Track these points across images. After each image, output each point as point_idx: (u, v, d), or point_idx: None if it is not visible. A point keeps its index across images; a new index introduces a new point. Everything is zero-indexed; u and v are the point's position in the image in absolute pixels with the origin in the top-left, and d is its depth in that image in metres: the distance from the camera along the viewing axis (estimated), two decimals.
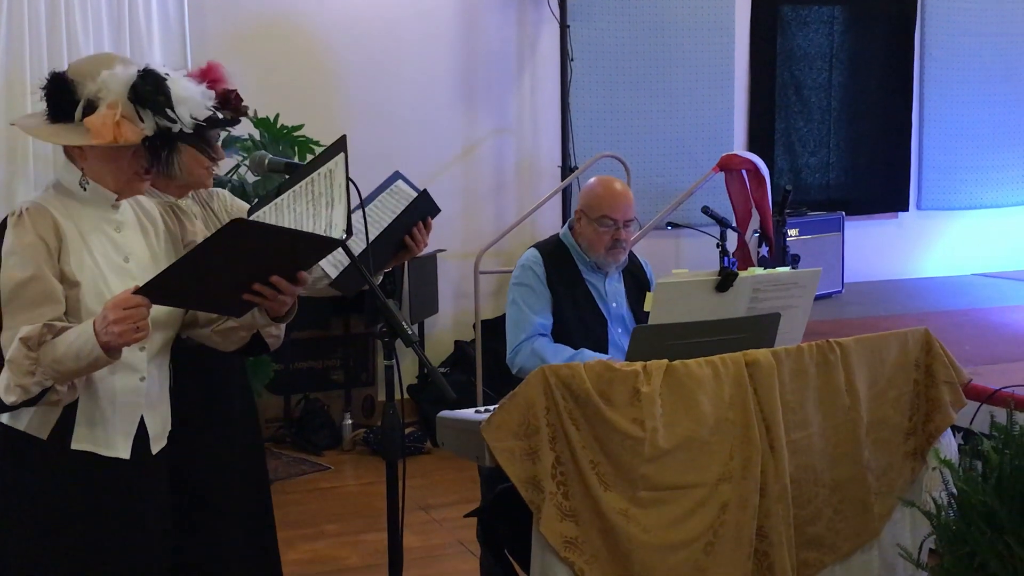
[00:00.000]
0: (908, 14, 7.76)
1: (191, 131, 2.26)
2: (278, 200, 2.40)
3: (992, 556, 2.61)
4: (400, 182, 3.00)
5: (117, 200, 2.36)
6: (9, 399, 2.16)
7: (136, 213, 2.44)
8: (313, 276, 2.99)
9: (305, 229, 2.33)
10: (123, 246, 2.36)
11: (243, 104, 2.82)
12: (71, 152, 2.32)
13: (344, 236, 2.23)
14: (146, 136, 2.22)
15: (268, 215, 2.42)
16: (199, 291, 2.23)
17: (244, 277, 2.22)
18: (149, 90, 2.21)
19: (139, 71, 2.23)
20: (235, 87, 2.82)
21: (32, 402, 2.18)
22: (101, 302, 2.20)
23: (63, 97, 2.26)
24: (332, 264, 2.99)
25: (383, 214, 2.93)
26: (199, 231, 2.54)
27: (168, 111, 2.21)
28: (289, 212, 2.37)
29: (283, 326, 2.46)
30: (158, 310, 2.27)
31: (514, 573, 3.32)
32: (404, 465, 2.46)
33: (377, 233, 2.89)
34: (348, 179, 2.48)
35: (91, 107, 2.22)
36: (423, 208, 3.00)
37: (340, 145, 2.36)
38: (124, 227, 2.38)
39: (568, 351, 3.55)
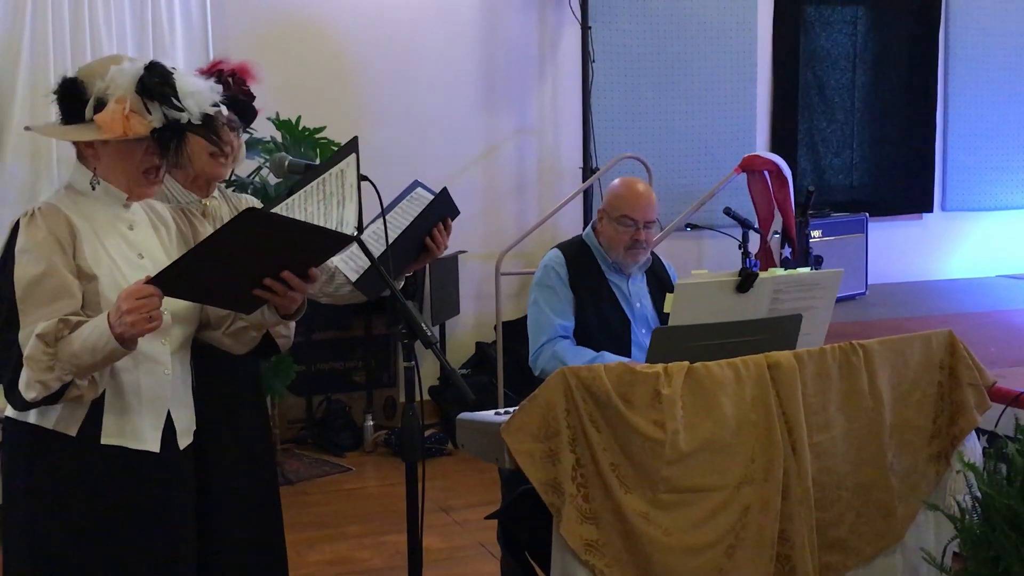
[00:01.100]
0: (932, 14, 7.71)
1: (199, 122, 2.28)
2: (289, 200, 2.41)
3: (1016, 560, 2.59)
4: (420, 189, 3.02)
5: (128, 200, 2.38)
6: (30, 395, 2.17)
7: (147, 214, 2.46)
8: (336, 283, 3.00)
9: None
10: (136, 243, 2.38)
11: (246, 87, 2.86)
12: (84, 152, 2.35)
13: (356, 233, 2.23)
14: (154, 128, 2.24)
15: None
16: (210, 283, 2.23)
17: (255, 270, 2.23)
18: (156, 82, 2.24)
19: (145, 65, 2.26)
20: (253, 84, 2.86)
21: (54, 399, 2.20)
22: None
23: (74, 98, 2.29)
24: (352, 269, 3.00)
25: (403, 219, 2.94)
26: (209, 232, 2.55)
27: (175, 101, 2.24)
28: (300, 211, 2.37)
29: (292, 325, 2.47)
30: (177, 304, 2.29)
31: (535, 575, 3.32)
32: (423, 467, 2.46)
33: (396, 236, 2.90)
34: (360, 177, 2.49)
35: (100, 104, 2.25)
36: (442, 209, 3.01)
37: (352, 146, 2.36)
38: (136, 225, 2.41)
39: (589, 354, 3.55)
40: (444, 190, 3.01)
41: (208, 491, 2.78)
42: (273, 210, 2.43)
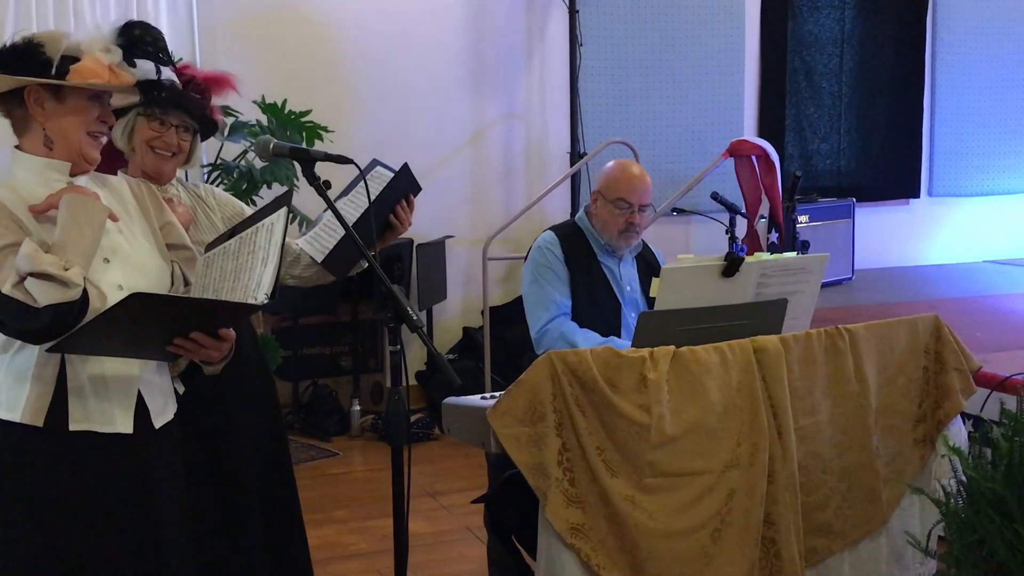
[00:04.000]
0: None
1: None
2: (227, 244, 2.40)
3: (1001, 543, 2.59)
4: (379, 168, 3.02)
5: (73, 173, 2.31)
6: (46, 296, 2.08)
7: (98, 190, 2.37)
8: (301, 265, 3.00)
9: (240, 282, 2.31)
10: None
11: (201, 94, 2.87)
12: (31, 112, 2.26)
13: (265, 301, 2.21)
14: (139, 80, 2.24)
15: (216, 259, 2.41)
16: (117, 345, 2.23)
17: (160, 335, 2.21)
18: (138, 34, 2.22)
19: (123, 24, 2.28)
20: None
21: (70, 315, 2.12)
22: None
23: (32, 57, 2.23)
24: (318, 250, 2.99)
25: (364, 198, 2.92)
26: (174, 220, 2.51)
27: (161, 56, 2.23)
28: (233, 260, 2.35)
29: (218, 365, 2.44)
30: (135, 284, 2.25)
31: (521, 559, 3.32)
32: (410, 451, 2.46)
33: (359, 215, 2.90)
34: (344, 159, 2.51)
35: (69, 61, 2.22)
36: (405, 185, 3.00)
37: (285, 199, 2.35)
38: None
39: (597, 338, 3.52)
40: (405, 166, 3.01)
41: (215, 469, 2.79)
42: (213, 252, 2.43)
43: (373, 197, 2.92)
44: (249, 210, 3.01)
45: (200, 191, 3.03)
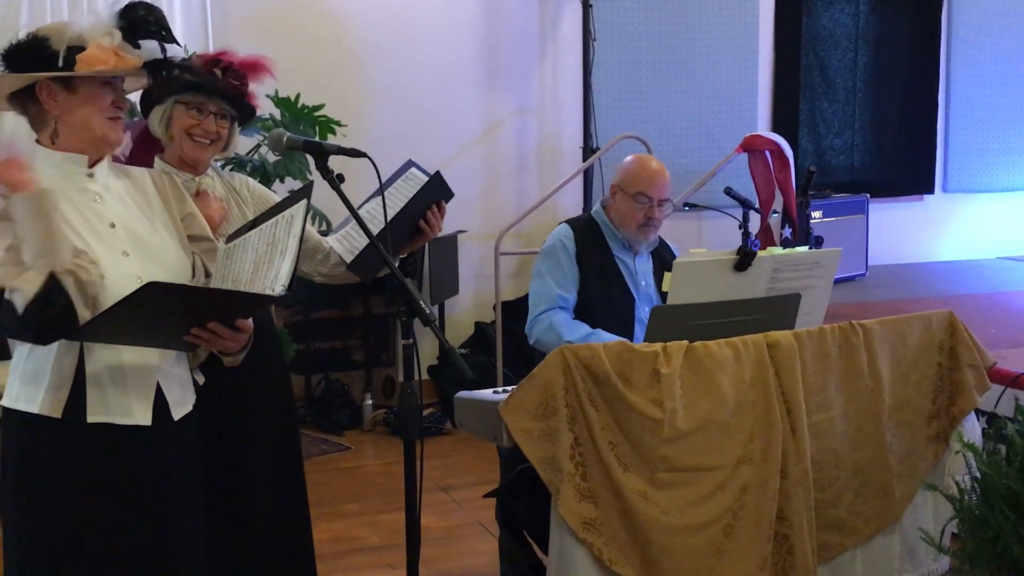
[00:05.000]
0: None
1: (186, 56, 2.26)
2: (247, 236, 2.41)
3: (1015, 540, 2.59)
4: (413, 169, 3.02)
5: (92, 164, 2.32)
6: (19, 301, 2.09)
7: (119, 181, 2.39)
8: (330, 263, 3.00)
9: (258, 273, 2.31)
10: (106, 215, 2.31)
11: (239, 81, 2.85)
12: (46, 106, 2.27)
13: (282, 292, 2.21)
14: (146, 61, 2.24)
15: (236, 250, 2.42)
16: (135, 334, 2.24)
17: (178, 324, 2.22)
18: (141, 15, 2.23)
19: (123, 6, 2.26)
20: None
21: (49, 306, 2.11)
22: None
23: (37, 52, 2.23)
24: (347, 250, 3.00)
25: (397, 200, 2.94)
26: (196, 211, 2.51)
27: (164, 33, 2.24)
28: (252, 251, 2.36)
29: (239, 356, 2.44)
30: (153, 276, 2.26)
31: (533, 553, 3.32)
32: (422, 445, 2.46)
33: (391, 217, 2.90)
34: (358, 153, 2.51)
35: (75, 51, 2.21)
36: (436, 192, 3.01)
37: (306, 191, 2.35)
38: (105, 196, 2.34)
39: (584, 329, 3.53)
40: (438, 173, 3.01)
41: (227, 460, 2.80)
42: (233, 243, 2.43)
43: (405, 200, 2.93)
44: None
45: (235, 182, 3.02)
